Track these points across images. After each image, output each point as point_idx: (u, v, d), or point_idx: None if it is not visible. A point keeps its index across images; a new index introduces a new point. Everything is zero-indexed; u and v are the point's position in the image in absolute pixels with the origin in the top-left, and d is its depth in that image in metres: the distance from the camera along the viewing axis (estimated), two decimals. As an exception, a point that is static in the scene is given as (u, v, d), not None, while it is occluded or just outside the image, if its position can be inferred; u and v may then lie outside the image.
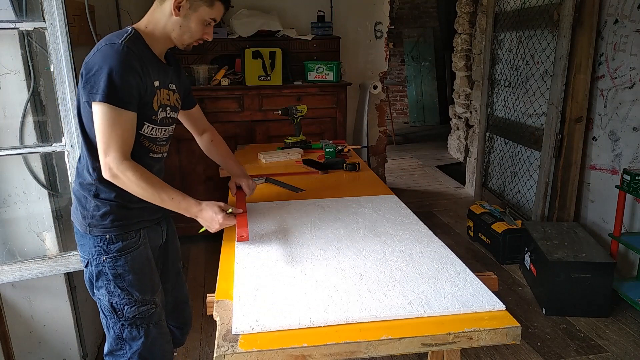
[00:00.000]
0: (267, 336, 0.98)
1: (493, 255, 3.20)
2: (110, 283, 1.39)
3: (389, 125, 5.79)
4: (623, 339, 2.31)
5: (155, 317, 1.46)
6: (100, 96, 1.23)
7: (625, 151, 2.69)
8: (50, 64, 1.72)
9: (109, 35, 1.33)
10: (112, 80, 1.23)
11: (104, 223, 1.37)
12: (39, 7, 1.68)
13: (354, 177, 2.14)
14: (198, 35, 1.43)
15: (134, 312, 1.41)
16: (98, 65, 1.24)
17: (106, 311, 1.42)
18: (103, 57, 1.25)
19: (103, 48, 1.27)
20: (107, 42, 1.29)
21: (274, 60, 3.28)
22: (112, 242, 1.38)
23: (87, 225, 1.38)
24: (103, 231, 1.37)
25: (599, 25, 2.82)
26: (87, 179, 1.37)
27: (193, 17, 1.38)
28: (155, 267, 1.51)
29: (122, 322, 1.41)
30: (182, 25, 1.38)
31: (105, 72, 1.23)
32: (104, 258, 1.38)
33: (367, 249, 1.37)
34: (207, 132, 1.79)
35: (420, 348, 1.00)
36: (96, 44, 1.32)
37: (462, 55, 4.85)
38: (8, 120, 1.81)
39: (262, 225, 1.56)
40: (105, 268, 1.38)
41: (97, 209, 1.36)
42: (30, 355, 2.03)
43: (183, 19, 1.37)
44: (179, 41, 1.42)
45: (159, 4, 1.39)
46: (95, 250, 1.38)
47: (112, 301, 1.40)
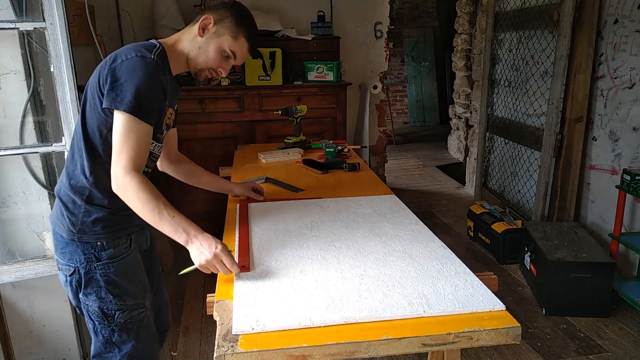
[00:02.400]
0: (267, 336, 0.98)
1: (493, 255, 3.20)
2: (101, 290, 1.35)
3: (389, 125, 5.78)
4: (623, 339, 2.31)
5: (145, 320, 1.44)
6: (126, 106, 1.21)
7: (625, 151, 2.69)
8: (50, 64, 1.72)
9: (136, 45, 1.31)
10: (139, 92, 1.21)
11: (95, 229, 1.33)
12: (39, 7, 1.69)
13: (354, 177, 2.14)
14: (213, 63, 1.41)
15: (126, 317, 1.39)
16: (127, 74, 1.23)
17: (95, 317, 1.38)
18: (133, 68, 1.23)
19: (134, 59, 1.25)
20: (137, 53, 1.26)
21: (274, 60, 3.28)
22: (103, 249, 1.34)
23: (75, 232, 1.33)
24: (94, 238, 1.33)
25: (599, 25, 2.82)
26: (80, 182, 1.32)
27: (214, 43, 1.38)
28: (144, 270, 1.48)
29: (113, 327, 1.38)
30: (202, 47, 1.39)
31: (135, 83, 1.21)
32: (95, 265, 1.34)
33: (367, 249, 1.37)
34: (181, 157, 1.72)
35: (420, 348, 0.99)
36: (121, 52, 1.28)
37: (462, 55, 4.85)
38: (8, 120, 1.82)
39: (262, 225, 1.56)
40: (97, 275, 1.34)
41: (87, 214, 1.32)
42: (30, 355, 2.03)
43: (205, 41, 1.38)
44: (194, 63, 1.41)
45: (190, 26, 1.42)
46: (85, 258, 1.33)
47: (102, 307, 1.36)
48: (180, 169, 1.71)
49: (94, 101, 1.29)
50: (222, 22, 1.38)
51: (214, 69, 1.42)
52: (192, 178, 1.74)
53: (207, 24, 1.37)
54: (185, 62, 1.41)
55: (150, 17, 3.45)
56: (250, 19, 1.44)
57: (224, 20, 1.38)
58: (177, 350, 2.29)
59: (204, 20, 1.37)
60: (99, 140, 1.30)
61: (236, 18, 1.40)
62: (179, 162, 1.70)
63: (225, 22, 1.38)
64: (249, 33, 1.42)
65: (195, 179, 1.74)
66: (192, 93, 3.20)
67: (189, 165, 1.73)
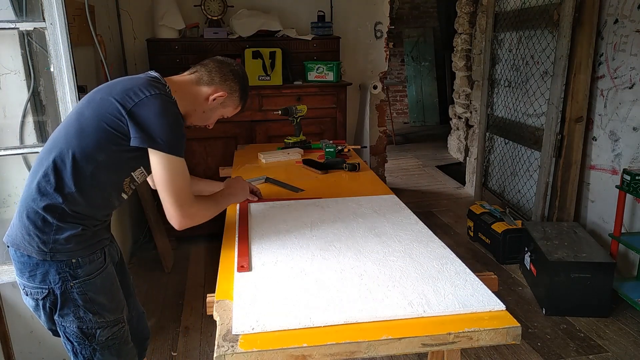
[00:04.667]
0: (267, 336, 0.98)
1: (493, 255, 3.20)
2: (79, 309, 1.30)
3: (389, 125, 5.78)
4: (623, 339, 2.31)
5: (126, 334, 1.41)
6: (163, 147, 1.25)
7: (625, 151, 2.69)
8: (50, 64, 1.72)
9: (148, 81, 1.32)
10: (177, 133, 1.28)
11: (69, 246, 1.26)
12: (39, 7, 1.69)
13: (354, 177, 2.14)
14: (211, 124, 1.55)
15: (107, 334, 1.34)
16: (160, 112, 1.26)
17: (74, 337, 1.32)
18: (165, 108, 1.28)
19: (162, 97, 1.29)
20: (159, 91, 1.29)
21: (274, 60, 3.28)
22: (79, 266, 1.28)
23: (47, 251, 1.25)
24: (68, 255, 1.27)
25: (599, 25, 2.82)
26: (54, 201, 1.24)
27: (218, 111, 1.51)
28: (119, 283, 1.45)
29: (94, 345, 1.33)
30: (206, 112, 1.48)
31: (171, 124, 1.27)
32: (72, 284, 1.28)
33: (367, 249, 1.37)
34: None
35: (420, 348, 1.00)
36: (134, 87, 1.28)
37: (462, 55, 4.85)
38: (8, 120, 1.82)
39: (262, 225, 1.56)
40: (74, 294, 1.28)
41: (59, 232, 1.25)
42: (30, 355, 2.03)
43: (211, 109, 1.48)
44: (190, 120, 1.47)
45: (196, 84, 1.46)
46: (60, 277, 1.26)
47: (82, 327, 1.31)
48: None
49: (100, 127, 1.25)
50: (230, 96, 1.50)
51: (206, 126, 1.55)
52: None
53: (220, 97, 1.46)
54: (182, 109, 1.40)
55: (150, 17, 3.45)
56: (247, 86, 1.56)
57: (232, 95, 1.50)
58: (177, 350, 2.29)
59: (217, 94, 1.45)
60: (90, 165, 1.26)
61: (242, 93, 1.52)
62: None
63: (233, 96, 1.50)
64: (246, 100, 1.57)
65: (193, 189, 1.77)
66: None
67: None
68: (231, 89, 1.49)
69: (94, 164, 1.26)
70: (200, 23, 3.51)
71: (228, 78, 1.48)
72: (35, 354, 2.03)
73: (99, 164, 1.27)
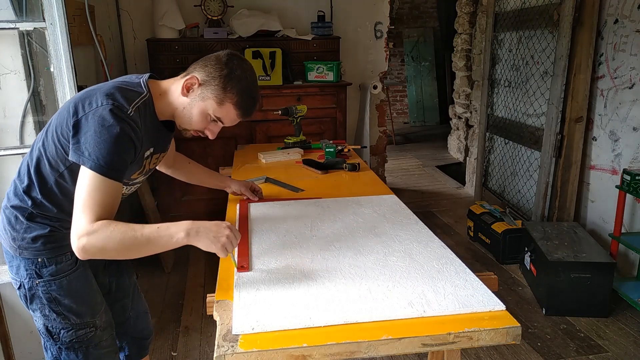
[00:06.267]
0: (267, 336, 0.98)
1: (493, 255, 3.20)
2: (44, 307, 1.29)
3: (389, 125, 5.79)
4: (623, 339, 2.31)
5: (96, 339, 1.36)
6: (91, 164, 1.11)
7: (625, 151, 2.69)
8: (50, 64, 1.72)
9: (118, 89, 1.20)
10: (107, 150, 1.11)
11: (35, 246, 1.25)
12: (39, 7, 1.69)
13: (354, 177, 2.14)
14: (198, 126, 1.30)
15: (71, 336, 1.32)
16: (96, 128, 1.12)
17: (42, 333, 1.33)
18: (104, 123, 1.12)
19: (107, 108, 1.13)
20: (115, 102, 1.15)
21: (274, 60, 3.28)
22: (44, 266, 1.27)
23: (17, 247, 1.26)
24: (34, 254, 1.26)
25: (599, 25, 2.82)
26: (24, 202, 1.24)
27: (197, 106, 1.27)
28: (97, 288, 1.40)
29: (59, 345, 1.32)
30: (185, 108, 1.28)
31: (102, 140, 1.11)
32: (37, 282, 1.27)
33: (367, 249, 1.37)
34: (180, 160, 1.69)
35: (420, 348, 0.99)
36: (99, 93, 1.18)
37: (462, 55, 4.85)
38: (8, 120, 1.82)
39: (262, 225, 1.56)
40: (39, 292, 1.28)
41: (28, 230, 1.25)
42: (30, 355, 2.03)
43: (189, 102, 1.27)
44: (178, 122, 1.32)
45: (181, 77, 1.30)
46: (27, 274, 1.27)
47: (47, 324, 1.30)
48: (179, 171, 1.71)
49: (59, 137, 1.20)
50: (207, 84, 1.26)
51: (200, 130, 1.32)
52: (192, 178, 1.75)
53: (191, 84, 1.26)
54: (171, 112, 1.31)
55: (150, 17, 3.45)
56: (245, 81, 1.28)
57: (210, 83, 1.25)
58: (177, 350, 2.29)
59: (188, 80, 1.26)
60: (53, 174, 1.23)
61: (225, 81, 1.25)
62: (177, 166, 1.71)
63: (211, 84, 1.25)
64: (240, 101, 1.28)
65: (194, 178, 1.75)
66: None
67: (188, 166, 1.73)
68: (208, 75, 1.25)
69: (55, 174, 1.23)
70: (200, 23, 3.51)
71: (208, 64, 1.27)
72: (35, 354, 2.03)
73: (60, 174, 1.23)
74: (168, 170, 1.70)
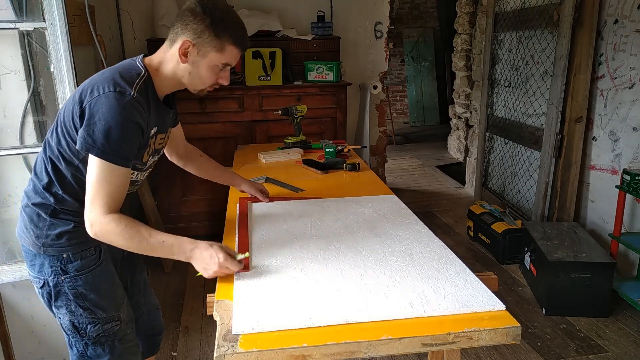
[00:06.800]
0: (267, 336, 0.98)
1: (493, 255, 3.20)
2: (70, 303, 1.31)
3: (389, 125, 5.79)
4: (623, 339, 2.31)
5: (120, 333, 1.38)
6: (98, 151, 1.14)
7: (625, 151, 2.69)
8: (50, 64, 1.73)
9: (117, 74, 1.21)
10: (113, 137, 1.13)
11: (60, 242, 1.27)
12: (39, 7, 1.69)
13: (354, 177, 2.14)
14: (211, 81, 1.32)
15: (98, 330, 1.34)
16: (102, 115, 1.14)
17: (68, 330, 1.34)
18: (109, 108, 1.14)
19: (110, 96, 1.15)
20: (116, 87, 1.16)
21: (274, 60, 3.28)
22: (69, 262, 1.28)
23: (40, 245, 1.27)
24: (59, 250, 1.28)
25: (599, 25, 2.82)
26: (45, 199, 1.26)
27: (202, 64, 1.27)
28: (119, 282, 1.43)
29: (86, 340, 1.34)
30: (192, 72, 1.28)
31: (108, 127, 1.13)
32: (62, 278, 1.29)
33: (367, 249, 1.37)
34: (191, 152, 1.71)
35: (420, 348, 0.99)
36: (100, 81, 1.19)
37: (462, 55, 4.85)
38: (8, 120, 1.82)
39: (262, 225, 1.56)
40: (65, 288, 1.29)
41: (52, 227, 1.27)
42: (30, 355, 2.03)
43: (192, 65, 1.27)
44: (191, 87, 1.33)
45: (169, 46, 1.29)
46: (52, 271, 1.28)
47: (73, 320, 1.32)
48: (190, 163, 1.72)
49: (68, 131, 1.22)
50: (200, 40, 1.24)
51: (214, 83, 1.34)
52: (203, 172, 1.75)
53: (185, 49, 1.25)
54: (176, 83, 1.32)
55: (150, 17, 3.45)
56: (229, 17, 1.27)
57: (202, 38, 1.24)
58: (177, 350, 2.29)
59: (181, 46, 1.25)
60: (69, 169, 1.25)
61: (214, 29, 1.24)
62: (188, 157, 1.70)
63: (204, 39, 1.24)
64: (235, 36, 1.27)
65: (206, 173, 1.76)
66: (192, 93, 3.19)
67: (200, 160, 1.74)
68: (196, 32, 1.24)
69: (71, 168, 1.25)
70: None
71: (188, 21, 1.25)
72: (35, 354, 2.03)
73: (76, 167, 1.24)
74: (179, 162, 1.70)
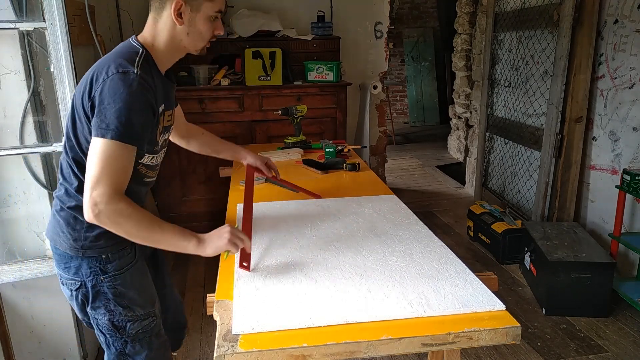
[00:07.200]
0: (267, 336, 0.98)
1: (493, 255, 3.20)
2: (110, 302, 1.32)
3: (389, 125, 5.78)
4: (623, 339, 2.31)
5: (157, 328, 1.42)
6: (113, 133, 1.12)
7: (625, 151, 2.69)
8: (50, 64, 1.72)
9: (117, 56, 1.22)
10: (126, 116, 1.13)
11: (99, 243, 1.29)
12: (39, 7, 1.69)
13: (354, 177, 2.14)
14: (209, 34, 1.31)
15: (137, 327, 1.36)
16: (110, 98, 1.13)
17: (106, 330, 1.35)
18: (115, 90, 1.14)
19: (115, 78, 1.15)
20: (119, 69, 1.17)
21: (274, 60, 3.28)
22: (109, 262, 1.30)
23: (79, 247, 1.29)
24: (99, 252, 1.30)
25: (599, 25, 2.82)
26: (80, 201, 1.24)
27: (198, 18, 1.27)
28: (151, 278, 1.46)
29: (125, 338, 1.36)
30: (190, 32, 1.28)
31: (119, 108, 1.13)
32: (102, 278, 1.30)
33: (367, 249, 1.37)
34: (193, 131, 1.70)
35: (420, 348, 0.99)
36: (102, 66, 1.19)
37: (462, 55, 4.85)
38: (8, 120, 1.82)
39: (262, 225, 1.56)
40: (104, 288, 1.31)
41: (90, 229, 1.27)
42: (30, 355, 2.03)
43: (188, 24, 1.26)
44: (193, 48, 1.32)
45: (157, 16, 1.28)
46: (91, 272, 1.30)
47: (113, 320, 1.34)
48: (193, 141, 1.72)
49: (81, 124, 1.22)
50: None
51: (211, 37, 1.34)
52: (206, 148, 1.75)
53: (179, 9, 1.24)
54: (175, 51, 1.32)
55: (150, 17, 3.45)
56: None
57: None
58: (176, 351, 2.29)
59: (175, 9, 1.24)
60: None
61: None
62: (190, 135, 1.71)
63: None
64: None
65: (209, 148, 1.76)
66: (192, 93, 3.20)
67: (202, 137, 1.74)
68: None
69: None
70: (200, 23, 3.51)
71: None
72: (35, 354, 2.03)
73: None
74: (182, 141, 1.70)
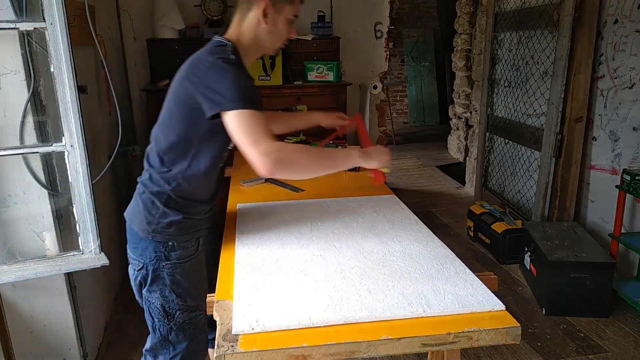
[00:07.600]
0: (267, 336, 0.98)
1: (493, 255, 3.20)
2: (165, 288, 1.39)
3: (389, 125, 5.79)
4: (623, 339, 2.31)
5: (201, 322, 1.48)
6: (233, 104, 1.21)
7: (625, 151, 2.69)
8: (50, 64, 1.72)
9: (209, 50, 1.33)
10: (240, 88, 1.23)
11: (169, 231, 1.36)
12: (39, 7, 1.68)
13: (354, 177, 2.14)
14: (287, 35, 1.43)
15: (185, 317, 1.42)
16: (218, 77, 1.24)
17: (156, 314, 1.41)
18: (220, 69, 1.25)
19: (219, 62, 1.26)
20: (219, 56, 1.28)
21: (274, 60, 3.28)
22: (173, 250, 1.37)
23: (150, 231, 1.36)
24: (166, 238, 1.36)
25: (599, 25, 2.82)
26: (163, 188, 1.35)
27: (280, 20, 1.38)
28: (206, 273, 1.51)
29: (171, 325, 1.42)
30: (271, 31, 1.39)
31: (230, 82, 1.23)
32: (164, 264, 1.37)
33: (367, 249, 1.37)
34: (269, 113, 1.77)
35: (420, 348, 0.99)
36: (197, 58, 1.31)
37: (462, 55, 4.85)
38: (8, 120, 1.81)
39: (262, 225, 1.56)
40: (164, 273, 1.38)
41: (164, 216, 1.36)
42: (30, 355, 2.03)
43: (271, 24, 1.38)
44: (272, 47, 1.44)
45: (243, 16, 1.38)
46: (156, 256, 1.37)
47: (165, 305, 1.40)
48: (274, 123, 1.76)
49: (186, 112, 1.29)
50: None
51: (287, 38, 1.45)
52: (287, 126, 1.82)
53: (266, 9, 1.35)
54: (256, 50, 1.42)
55: (150, 17, 3.45)
56: None
57: None
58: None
59: (262, 7, 1.34)
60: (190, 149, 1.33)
61: None
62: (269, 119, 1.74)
63: None
64: None
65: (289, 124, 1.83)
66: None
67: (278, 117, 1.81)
68: None
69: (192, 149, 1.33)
70: (201, 23, 3.51)
71: None
72: (35, 354, 2.03)
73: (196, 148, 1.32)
74: None
